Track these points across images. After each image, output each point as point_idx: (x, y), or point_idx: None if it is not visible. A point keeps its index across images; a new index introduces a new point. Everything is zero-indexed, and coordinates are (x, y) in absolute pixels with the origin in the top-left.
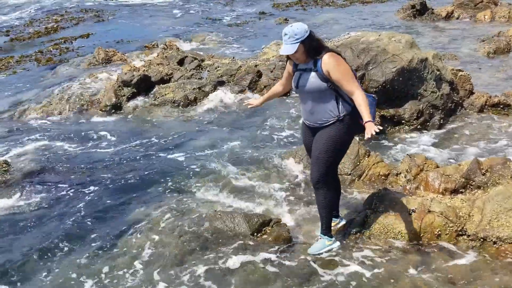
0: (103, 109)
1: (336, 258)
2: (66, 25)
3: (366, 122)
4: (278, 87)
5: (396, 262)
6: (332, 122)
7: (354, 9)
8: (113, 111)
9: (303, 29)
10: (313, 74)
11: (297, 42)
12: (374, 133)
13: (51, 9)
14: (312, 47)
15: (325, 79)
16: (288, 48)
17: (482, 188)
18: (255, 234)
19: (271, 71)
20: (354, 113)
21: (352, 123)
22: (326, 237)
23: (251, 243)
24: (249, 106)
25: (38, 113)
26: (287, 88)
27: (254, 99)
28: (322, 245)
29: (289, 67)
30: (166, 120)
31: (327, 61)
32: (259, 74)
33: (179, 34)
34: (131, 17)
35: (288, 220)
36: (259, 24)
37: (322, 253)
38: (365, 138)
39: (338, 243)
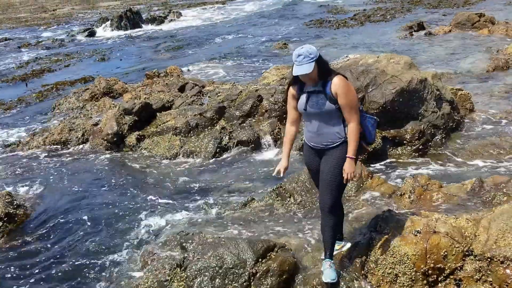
0: (105, 138)
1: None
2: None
3: (348, 157)
4: (292, 128)
5: None
6: (339, 143)
7: (363, 29)
8: (115, 139)
9: (314, 49)
10: (322, 96)
11: (313, 61)
12: (350, 179)
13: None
14: (324, 68)
15: (334, 100)
16: (305, 67)
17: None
18: (260, 259)
19: (272, 96)
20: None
21: (358, 144)
22: (332, 260)
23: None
24: (282, 174)
25: (40, 144)
26: (299, 121)
27: (281, 167)
28: (335, 270)
29: (292, 92)
30: (168, 151)
31: (337, 83)
32: (260, 99)
33: (183, 62)
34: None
35: (292, 245)
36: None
37: (337, 279)
38: (344, 179)
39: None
